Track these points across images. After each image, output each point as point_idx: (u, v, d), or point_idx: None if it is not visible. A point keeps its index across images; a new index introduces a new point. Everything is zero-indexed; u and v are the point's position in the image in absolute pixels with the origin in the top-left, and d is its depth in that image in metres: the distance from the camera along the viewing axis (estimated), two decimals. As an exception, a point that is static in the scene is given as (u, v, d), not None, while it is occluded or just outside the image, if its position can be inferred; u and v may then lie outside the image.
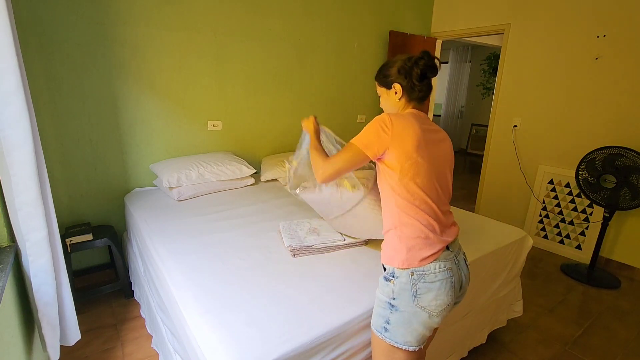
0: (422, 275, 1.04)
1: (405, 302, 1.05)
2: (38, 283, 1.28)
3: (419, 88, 1.16)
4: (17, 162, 1.15)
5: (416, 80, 1.15)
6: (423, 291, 1.04)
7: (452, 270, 1.07)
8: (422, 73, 1.14)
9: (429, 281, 1.04)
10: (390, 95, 1.21)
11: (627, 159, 2.50)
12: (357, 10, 3.41)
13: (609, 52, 2.78)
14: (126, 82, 2.37)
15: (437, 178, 1.10)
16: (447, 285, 1.05)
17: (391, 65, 1.20)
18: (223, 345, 1.05)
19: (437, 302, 1.04)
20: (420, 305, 1.04)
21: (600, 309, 2.41)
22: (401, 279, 1.05)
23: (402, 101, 1.19)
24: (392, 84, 1.19)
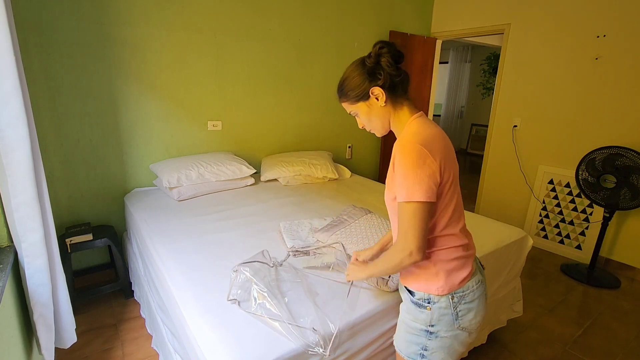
0: (463, 297, 0.97)
1: (446, 327, 0.97)
2: (34, 284, 1.28)
3: (400, 78, 0.99)
4: (15, 162, 1.15)
5: (392, 70, 0.97)
6: (464, 312, 0.97)
7: (483, 282, 1.02)
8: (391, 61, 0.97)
9: (469, 301, 0.98)
10: (373, 106, 1.01)
11: (627, 159, 2.50)
12: (357, 10, 3.41)
13: (609, 52, 2.78)
14: (126, 82, 2.37)
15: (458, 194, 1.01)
16: (483, 300, 1.01)
17: (352, 75, 1.00)
18: (223, 345, 1.05)
19: (477, 319, 1.00)
20: (461, 326, 0.98)
21: (600, 309, 2.41)
22: (440, 304, 0.96)
23: (389, 105, 1.00)
24: (368, 90, 0.98)
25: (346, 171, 3.17)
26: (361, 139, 3.85)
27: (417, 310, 0.99)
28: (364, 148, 3.91)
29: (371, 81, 0.98)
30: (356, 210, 1.81)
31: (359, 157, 3.90)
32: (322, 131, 3.50)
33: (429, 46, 3.95)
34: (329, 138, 3.58)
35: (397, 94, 1.00)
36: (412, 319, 1.01)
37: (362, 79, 0.99)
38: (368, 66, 0.98)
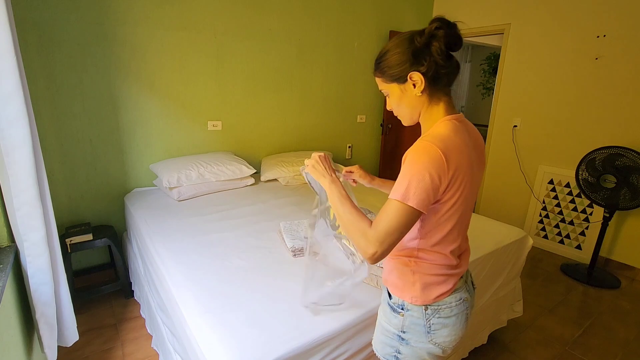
0: (437, 311, 0.90)
1: (417, 338, 0.92)
2: (36, 283, 1.28)
3: (447, 70, 0.83)
4: (16, 162, 1.15)
5: (441, 60, 0.81)
6: (437, 327, 0.91)
7: (468, 301, 0.94)
8: (447, 48, 0.82)
9: (444, 316, 0.90)
10: (407, 91, 0.87)
11: (627, 159, 2.50)
12: (357, 10, 3.41)
13: (609, 52, 2.78)
14: (126, 82, 2.37)
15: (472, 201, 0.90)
16: (462, 319, 0.93)
17: (395, 50, 0.85)
18: (223, 345, 1.05)
19: (451, 338, 0.92)
20: (434, 341, 0.91)
21: (600, 309, 2.41)
22: (412, 313, 0.91)
23: (425, 95, 0.86)
24: (407, 74, 0.84)
25: (346, 171, 3.17)
26: (361, 139, 3.85)
27: (391, 314, 0.96)
28: (364, 148, 3.92)
29: (413, 64, 0.83)
30: None
31: (359, 157, 3.90)
32: (322, 131, 3.50)
33: (429, 46, 3.95)
34: (329, 138, 3.58)
35: (438, 87, 0.86)
36: (386, 321, 0.98)
37: (405, 58, 0.84)
38: (415, 46, 0.83)
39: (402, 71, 0.85)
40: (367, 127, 3.87)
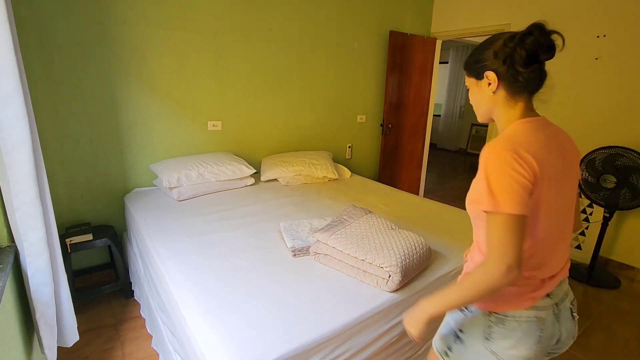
0: (501, 320, 0.86)
1: (473, 340, 0.90)
2: (36, 283, 1.28)
3: (525, 76, 0.83)
4: (16, 162, 1.15)
5: (520, 66, 0.82)
6: (498, 336, 0.86)
7: (544, 322, 0.85)
8: (529, 55, 0.80)
9: (509, 329, 0.85)
10: (482, 88, 0.90)
11: (627, 159, 2.50)
12: (357, 10, 3.41)
13: (609, 52, 2.78)
14: (126, 82, 2.37)
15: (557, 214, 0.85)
16: (531, 339, 0.85)
17: (488, 45, 0.88)
18: (223, 346, 1.05)
19: (512, 352, 0.85)
20: (491, 349, 0.87)
21: (600, 309, 2.41)
22: (476, 314, 0.90)
23: (500, 96, 0.88)
24: (484, 71, 0.87)
25: (346, 171, 3.17)
26: (361, 139, 3.85)
27: (457, 310, 0.96)
28: (364, 148, 3.92)
29: (491, 64, 0.86)
30: (356, 210, 1.81)
31: (359, 157, 3.90)
32: (322, 131, 3.50)
33: (429, 46, 3.95)
34: (329, 138, 3.58)
35: (516, 91, 0.86)
36: (450, 315, 0.98)
37: (485, 57, 0.87)
38: (500, 47, 0.84)
39: (480, 68, 0.88)
40: (367, 127, 3.87)
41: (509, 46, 0.82)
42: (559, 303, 0.89)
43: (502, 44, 0.84)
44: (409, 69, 3.85)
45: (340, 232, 1.55)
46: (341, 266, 1.48)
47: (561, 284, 0.91)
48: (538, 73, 0.84)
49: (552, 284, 0.88)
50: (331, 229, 1.60)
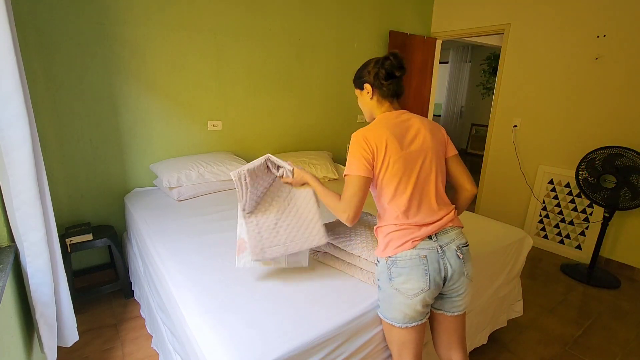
0: (395, 262, 1.16)
1: (384, 284, 1.19)
2: (36, 283, 1.28)
3: (387, 87, 1.25)
4: (16, 162, 1.15)
5: (383, 80, 1.23)
6: (395, 275, 1.16)
7: (426, 259, 1.14)
8: (387, 73, 1.22)
9: (400, 267, 1.15)
10: (364, 96, 1.31)
11: (627, 159, 2.50)
12: (357, 10, 3.41)
13: (609, 52, 2.78)
14: (126, 82, 2.37)
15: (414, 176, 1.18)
16: (418, 272, 1.14)
17: (365, 66, 1.29)
18: (223, 345, 1.05)
19: (408, 285, 1.14)
20: (394, 287, 1.16)
21: (600, 309, 2.41)
22: (381, 263, 1.21)
23: (375, 100, 1.28)
24: (363, 84, 1.29)
25: (346, 171, 3.17)
26: (361, 139, 3.85)
27: (376, 267, 1.26)
28: (364, 148, 3.91)
29: (368, 78, 1.26)
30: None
31: (359, 157, 3.89)
32: (322, 131, 3.50)
33: (429, 46, 3.95)
34: (329, 138, 3.58)
35: (384, 96, 1.27)
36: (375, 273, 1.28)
37: (364, 73, 1.28)
38: (371, 67, 1.25)
39: (361, 82, 1.30)
40: (367, 127, 3.87)
41: (375, 67, 1.24)
42: (443, 246, 1.18)
43: (372, 65, 1.25)
44: (409, 69, 3.80)
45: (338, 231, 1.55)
46: (339, 264, 1.48)
47: (447, 231, 1.20)
48: (396, 84, 1.26)
49: (430, 230, 1.17)
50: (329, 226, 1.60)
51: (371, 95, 1.27)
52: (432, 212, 1.20)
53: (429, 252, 1.15)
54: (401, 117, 1.25)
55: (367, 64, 1.28)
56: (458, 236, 1.22)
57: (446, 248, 1.18)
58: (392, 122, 1.22)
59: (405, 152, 1.17)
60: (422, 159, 1.20)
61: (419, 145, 1.21)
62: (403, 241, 1.16)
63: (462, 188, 1.31)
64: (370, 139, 1.17)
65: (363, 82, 1.29)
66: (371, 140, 1.17)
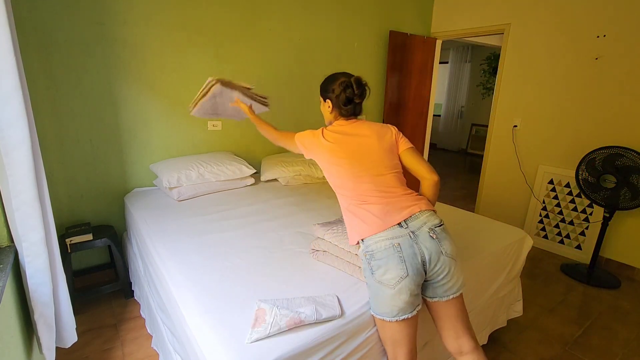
0: (372, 255, 1.21)
1: (369, 280, 1.24)
2: (35, 283, 1.28)
3: (346, 109, 1.42)
4: (15, 162, 1.15)
5: (342, 104, 1.40)
6: (375, 267, 1.20)
7: (399, 246, 1.19)
8: (347, 99, 1.38)
9: (378, 258, 1.20)
10: (325, 106, 1.49)
11: (627, 159, 2.50)
12: (357, 10, 3.41)
13: (609, 52, 2.78)
14: (126, 82, 2.37)
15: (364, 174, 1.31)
16: (394, 260, 1.17)
17: (331, 81, 1.42)
18: (223, 345, 1.05)
19: (388, 276, 1.17)
20: (377, 280, 1.20)
21: (600, 309, 2.41)
22: (363, 260, 1.26)
23: (333, 114, 1.46)
24: (326, 98, 1.45)
25: (346, 171, 3.17)
26: (361, 139, 3.84)
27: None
28: (364, 148, 3.91)
29: (330, 95, 1.43)
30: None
31: (359, 157, 3.89)
32: (322, 131, 3.50)
33: (429, 46, 3.95)
34: (329, 138, 3.57)
35: (340, 114, 1.45)
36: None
37: (328, 89, 1.43)
38: (338, 87, 1.39)
39: (325, 95, 1.47)
40: (367, 127, 3.86)
41: (339, 88, 1.38)
42: (415, 231, 1.22)
43: (337, 85, 1.39)
44: (409, 69, 3.85)
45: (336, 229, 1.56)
46: (339, 263, 1.48)
47: (417, 216, 1.24)
48: (354, 108, 1.42)
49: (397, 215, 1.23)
50: (328, 224, 1.60)
51: (331, 110, 1.44)
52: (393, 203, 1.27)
53: (402, 239, 1.19)
54: (349, 126, 1.41)
55: (333, 80, 1.41)
56: (429, 218, 1.25)
57: (418, 232, 1.21)
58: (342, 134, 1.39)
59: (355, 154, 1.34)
60: (369, 160, 1.33)
61: (365, 146, 1.35)
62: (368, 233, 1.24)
63: (422, 177, 1.37)
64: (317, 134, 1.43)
65: (326, 96, 1.45)
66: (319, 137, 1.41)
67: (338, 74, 1.43)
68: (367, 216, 1.25)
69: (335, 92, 1.39)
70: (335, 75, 1.43)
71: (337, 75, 1.43)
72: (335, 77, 1.42)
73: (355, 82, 1.36)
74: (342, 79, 1.39)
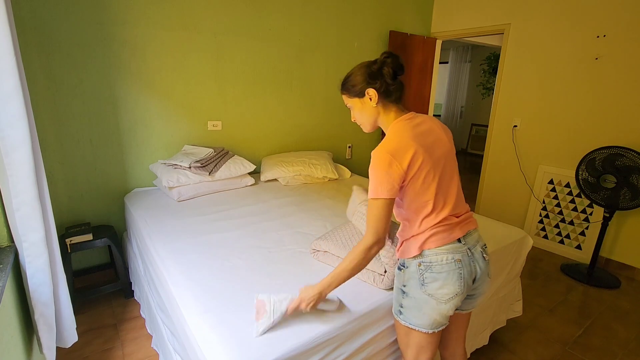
0: (429, 266, 1.11)
1: (414, 290, 1.14)
2: (35, 283, 1.28)
3: (394, 87, 1.14)
4: (16, 162, 1.15)
5: (390, 79, 1.13)
6: (430, 280, 1.11)
7: (461, 262, 1.11)
8: (393, 71, 1.13)
9: (436, 272, 1.10)
10: (366, 104, 1.17)
11: (627, 159, 2.50)
12: (357, 10, 3.41)
13: (609, 52, 2.78)
14: (126, 82, 2.37)
15: (436, 182, 1.10)
16: (453, 276, 1.10)
17: (356, 73, 1.17)
18: (223, 345, 1.05)
19: (444, 291, 1.10)
20: (427, 292, 1.11)
21: (600, 309, 2.41)
22: (410, 268, 1.14)
23: (380, 106, 1.16)
24: (364, 90, 1.15)
25: (346, 171, 3.17)
26: (361, 139, 3.85)
27: (397, 273, 1.20)
28: (364, 148, 3.92)
29: (369, 83, 1.13)
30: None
31: (359, 157, 3.90)
32: (322, 131, 3.50)
33: (429, 46, 3.95)
34: (329, 138, 3.58)
35: (389, 100, 1.16)
36: (396, 281, 1.22)
37: (363, 78, 1.14)
38: (371, 69, 1.13)
39: (361, 88, 1.15)
40: (367, 127, 3.87)
41: (375, 68, 1.13)
42: (471, 248, 1.14)
43: (369, 69, 1.14)
44: (409, 69, 3.85)
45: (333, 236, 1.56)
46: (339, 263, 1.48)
47: (471, 233, 1.17)
48: (401, 84, 1.16)
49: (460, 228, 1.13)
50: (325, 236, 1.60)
51: (376, 100, 1.14)
52: (458, 215, 1.17)
53: (462, 255, 1.12)
54: (415, 121, 1.15)
55: (360, 67, 1.17)
56: (480, 237, 1.21)
57: (474, 250, 1.15)
58: (413, 131, 1.11)
59: (433, 160, 1.10)
60: (443, 163, 1.13)
61: (440, 149, 1.13)
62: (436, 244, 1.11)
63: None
64: (398, 156, 1.05)
65: (363, 87, 1.15)
66: (401, 157, 1.05)
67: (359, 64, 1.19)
68: (433, 227, 1.11)
69: (373, 74, 1.13)
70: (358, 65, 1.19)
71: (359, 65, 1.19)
72: (360, 65, 1.18)
73: (390, 53, 1.14)
74: (368, 62, 1.16)
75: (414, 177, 1.07)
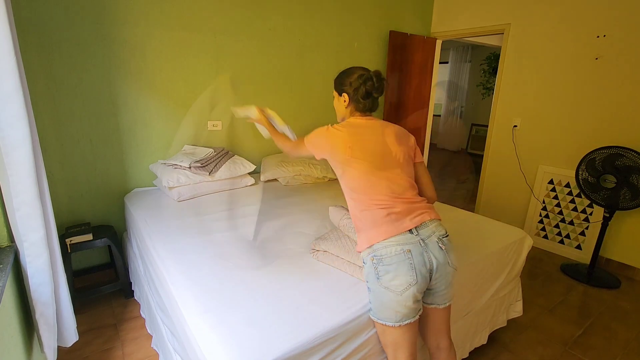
0: (380, 260, 1.18)
1: (373, 284, 1.20)
2: (36, 283, 1.28)
3: (363, 104, 1.36)
4: (16, 162, 1.15)
5: (361, 97, 1.34)
6: (383, 273, 1.17)
7: (411, 252, 1.16)
8: (367, 92, 1.33)
9: (386, 264, 1.16)
10: (340, 101, 1.41)
11: (627, 159, 2.50)
12: (357, 10, 3.41)
13: (609, 52, 2.78)
14: (126, 82, 2.37)
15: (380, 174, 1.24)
16: (404, 266, 1.15)
17: (348, 75, 1.37)
18: (223, 345, 1.05)
19: (396, 282, 1.15)
20: (383, 285, 1.17)
21: (600, 309, 2.41)
22: (367, 264, 1.22)
23: (349, 109, 1.39)
24: (342, 92, 1.38)
25: (346, 171, 3.17)
26: (361, 139, 3.84)
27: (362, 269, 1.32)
28: (364, 148, 3.91)
29: (349, 89, 1.36)
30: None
31: (359, 157, 3.89)
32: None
33: (429, 46, 3.95)
34: (329, 138, 3.57)
35: (357, 109, 1.39)
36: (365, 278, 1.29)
37: (345, 82, 1.37)
38: (353, 79, 1.34)
39: (340, 89, 1.40)
40: (367, 127, 3.86)
41: (357, 82, 1.33)
42: (425, 239, 1.20)
43: (356, 78, 1.34)
44: (409, 69, 3.85)
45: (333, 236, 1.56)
46: (339, 263, 1.49)
47: (427, 224, 1.22)
48: (372, 102, 1.37)
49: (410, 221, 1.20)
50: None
51: (347, 104, 1.38)
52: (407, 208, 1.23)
53: (412, 246, 1.17)
54: (370, 122, 1.35)
55: (351, 73, 1.36)
56: (437, 228, 1.24)
57: (428, 241, 1.20)
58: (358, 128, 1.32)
59: (372, 153, 1.26)
60: (387, 159, 1.27)
61: (382, 145, 1.29)
62: (381, 237, 1.18)
63: (426, 195, 1.37)
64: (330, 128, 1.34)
65: (342, 90, 1.38)
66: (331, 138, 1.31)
67: (355, 68, 1.37)
68: (379, 220, 1.20)
69: (354, 85, 1.33)
70: (353, 68, 1.37)
71: (354, 68, 1.37)
72: (352, 70, 1.37)
73: (375, 75, 1.33)
74: (360, 72, 1.34)
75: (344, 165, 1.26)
